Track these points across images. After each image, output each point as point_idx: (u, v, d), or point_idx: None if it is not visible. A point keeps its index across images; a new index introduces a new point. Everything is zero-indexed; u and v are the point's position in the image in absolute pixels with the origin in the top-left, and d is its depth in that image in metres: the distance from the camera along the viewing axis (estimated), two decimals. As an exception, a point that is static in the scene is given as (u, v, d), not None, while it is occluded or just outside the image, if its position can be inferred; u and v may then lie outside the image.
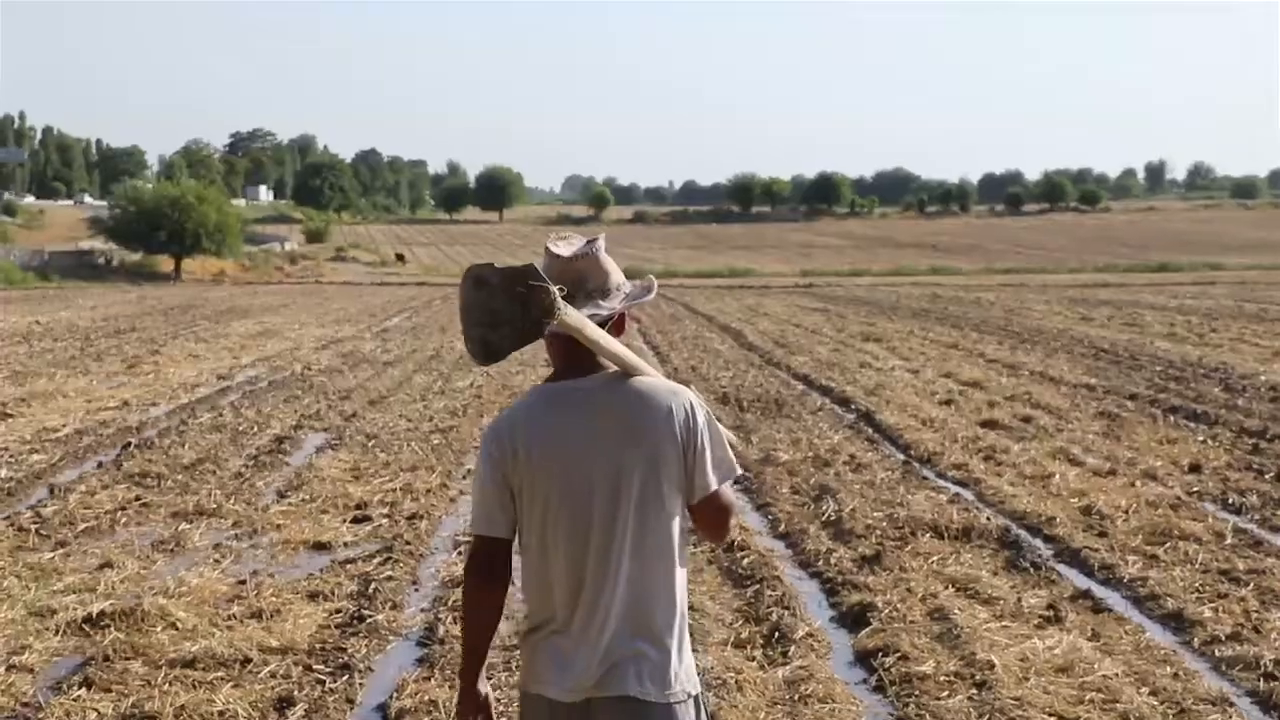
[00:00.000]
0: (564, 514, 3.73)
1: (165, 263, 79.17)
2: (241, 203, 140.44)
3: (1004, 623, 8.75)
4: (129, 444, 15.64)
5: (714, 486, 3.77)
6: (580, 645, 3.72)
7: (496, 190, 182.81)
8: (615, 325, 3.83)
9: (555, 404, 3.78)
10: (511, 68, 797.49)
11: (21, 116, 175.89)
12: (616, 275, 3.84)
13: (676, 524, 3.77)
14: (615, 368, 3.78)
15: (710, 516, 3.82)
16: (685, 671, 3.78)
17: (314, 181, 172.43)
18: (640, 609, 3.72)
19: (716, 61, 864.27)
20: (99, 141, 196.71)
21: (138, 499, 12.57)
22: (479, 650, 3.90)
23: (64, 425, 17.26)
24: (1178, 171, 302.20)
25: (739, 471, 3.89)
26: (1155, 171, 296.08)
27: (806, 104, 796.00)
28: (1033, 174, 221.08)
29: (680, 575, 3.79)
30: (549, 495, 3.73)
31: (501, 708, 7.08)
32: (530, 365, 25.68)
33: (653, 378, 3.81)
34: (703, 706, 3.85)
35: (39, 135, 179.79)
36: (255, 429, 17.24)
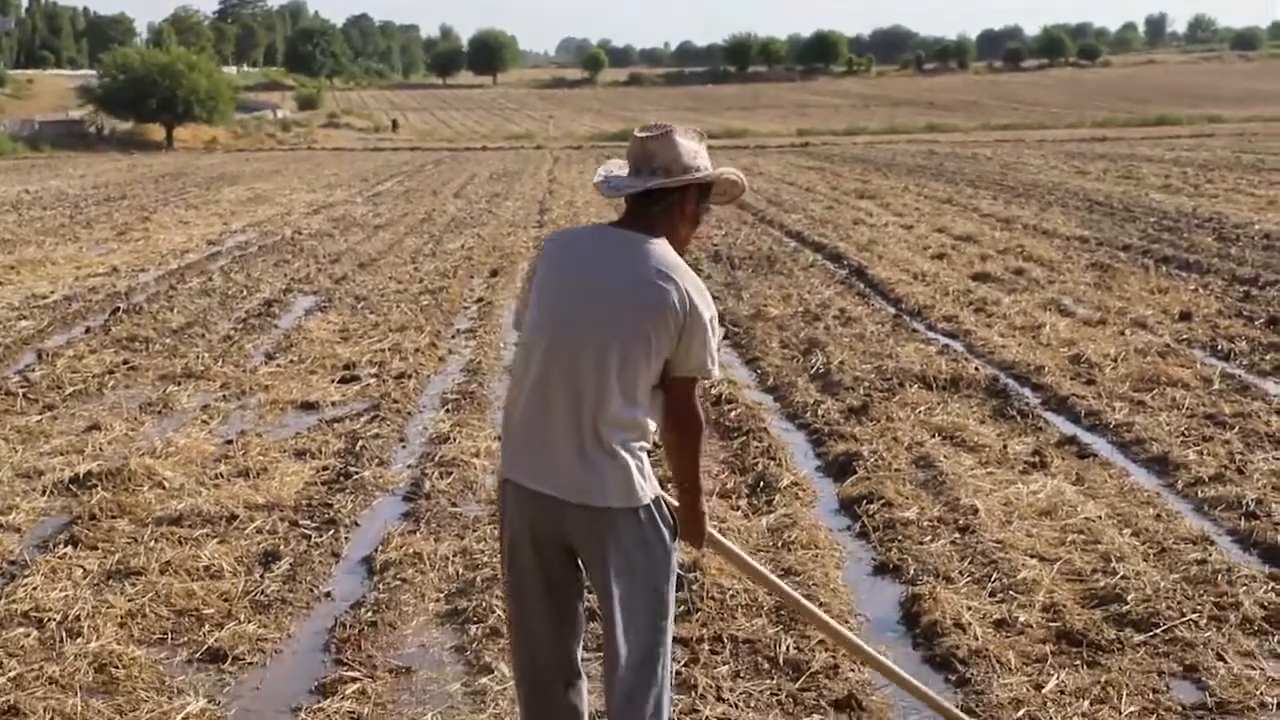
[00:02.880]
0: (558, 321, 4.14)
1: (156, 131, 78.45)
2: (232, 70, 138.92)
3: (989, 469, 8.78)
4: (117, 309, 15.58)
5: (683, 374, 4.15)
6: (548, 443, 4.13)
7: (490, 54, 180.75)
8: (679, 212, 4.22)
9: (599, 238, 4.26)
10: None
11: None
12: (691, 160, 4.17)
13: (648, 377, 4.12)
14: (661, 242, 4.15)
15: (675, 400, 4.19)
16: (648, 483, 4.17)
17: (305, 48, 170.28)
18: (607, 424, 4.08)
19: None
20: (86, 10, 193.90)
21: (126, 363, 12.54)
22: None
23: (52, 292, 17.20)
24: (1178, 24, 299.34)
25: (711, 373, 4.21)
26: (1155, 25, 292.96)
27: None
28: (1032, 29, 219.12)
29: (644, 414, 4.15)
30: (552, 301, 4.18)
31: (485, 559, 7.13)
32: (521, 227, 25.63)
33: (688, 272, 4.15)
34: (663, 504, 4.26)
35: (25, 3, 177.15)
36: (244, 293, 17.20)
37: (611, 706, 4.33)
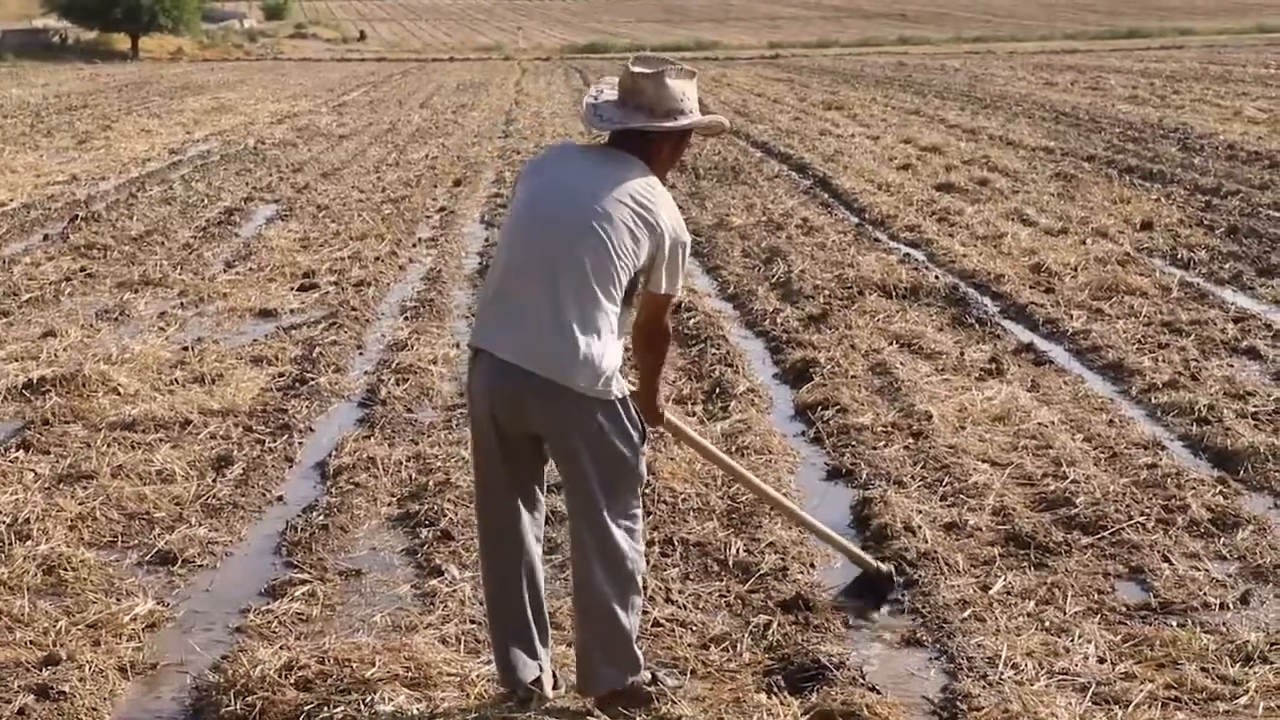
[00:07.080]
0: (538, 216, 4.37)
1: (121, 41, 77.39)
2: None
3: (945, 376, 8.81)
4: (76, 217, 15.40)
5: (654, 290, 4.43)
6: (522, 310, 4.28)
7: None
8: (657, 150, 4.43)
9: (585, 150, 4.57)
10: None
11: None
12: (678, 103, 4.38)
13: (618, 286, 4.31)
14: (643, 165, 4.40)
15: (648, 314, 4.52)
16: (614, 380, 4.33)
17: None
18: (569, 318, 4.22)
19: None
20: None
21: (83, 270, 12.45)
22: None
23: (10, 200, 17.03)
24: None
25: (674, 295, 4.51)
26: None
27: None
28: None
29: (609, 318, 4.31)
30: (532, 196, 4.43)
31: (438, 464, 7.14)
32: (487, 138, 25.48)
33: (666, 199, 4.42)
34: (631, 406, 4.42)
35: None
36: (205, 202, 17.05)
37: (587, 600, 4.46)
